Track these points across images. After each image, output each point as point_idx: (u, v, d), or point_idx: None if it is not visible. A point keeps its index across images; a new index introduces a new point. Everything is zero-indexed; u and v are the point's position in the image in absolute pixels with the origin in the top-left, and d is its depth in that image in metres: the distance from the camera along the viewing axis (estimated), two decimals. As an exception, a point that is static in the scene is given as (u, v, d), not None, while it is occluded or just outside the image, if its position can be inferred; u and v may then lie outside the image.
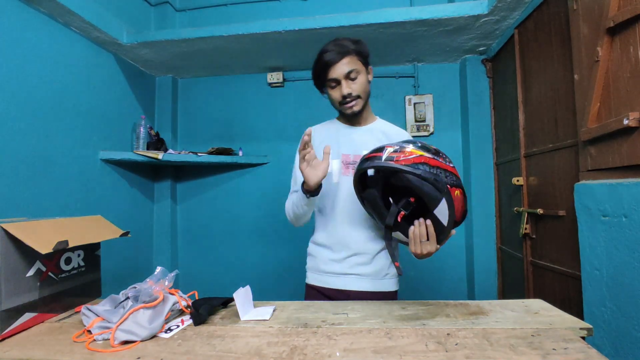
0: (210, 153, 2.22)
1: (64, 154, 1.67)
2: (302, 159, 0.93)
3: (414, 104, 2.30)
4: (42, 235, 0.78)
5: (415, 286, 2.24)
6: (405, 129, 2.30)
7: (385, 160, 0.78)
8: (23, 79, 1.47)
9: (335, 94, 1.06)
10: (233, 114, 2.51)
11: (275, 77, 2.40)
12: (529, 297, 1.67)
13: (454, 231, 0.81)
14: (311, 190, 0.96)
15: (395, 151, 0.79)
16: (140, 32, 1.97)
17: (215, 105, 2.53)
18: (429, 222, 0.82)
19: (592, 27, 1.10)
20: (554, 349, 0.61)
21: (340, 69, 1.02)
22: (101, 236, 0.95)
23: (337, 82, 1.04)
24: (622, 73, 0.99)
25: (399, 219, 0.86)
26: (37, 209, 1.51)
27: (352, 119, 1.12)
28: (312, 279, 1.15)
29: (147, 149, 2.14)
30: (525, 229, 1.63)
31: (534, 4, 1.57)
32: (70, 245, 0.81)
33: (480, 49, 2.11)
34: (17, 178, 1.44)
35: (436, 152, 0.80)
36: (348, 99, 1.04)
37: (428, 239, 0.83)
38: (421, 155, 0.77)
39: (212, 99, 2.54)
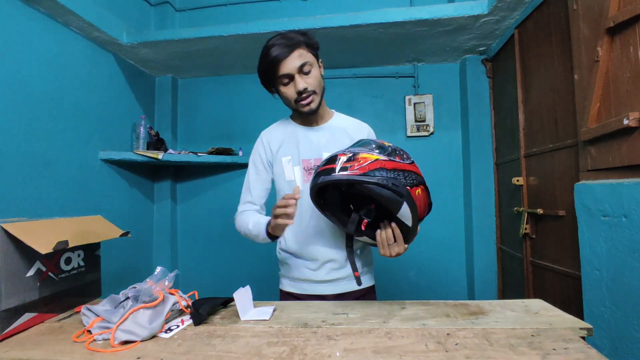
0: (210, 153, 2.22)
1: (64, 154, 1.67)
2: (282, 212, 0.84)
3: (414, 104, 2.30)
4: (42, 235, 0.78)
5: (415, 286, 2.24)
6: (405, 129, 2.31)
7: (340, 171, 0.74)
8: (23, 79, 1.47)
9: (289, 90, 0.97)
10: (233, 114, 2.51)
11: (275, 77, 2.40)
12: (529, 297, 1.67)
13: (419, 227, 0.80)
14: (277, 236, 0.96)
15: (348, 160, 0.75)
16: (140, 32, 1.97)
17: (215, 105, 2.53)
18: (393, 224, 0.81)
19: (592, 27, 1.10)
20: (554, 349, 0.61)
21: (291, 63, 0.94)
22: (101, 236, 0.95)
23: (290, 78, 0.96)
24: (622, 73, 0.99)
25: (362, 227, 0.85)
26: (37, 209, 1.52)
27: (309, 117, 1.05)
28: (288, 285, 1.11)
29: (147, 149, 2.14)
30: (525, 229, 1.63)
31: (534, 4, 1.57)
32: (70, 245, 0.81)
33: (480, 49, 2.11)
34: (17, 178, 1.44)
35: (392, 152, 0.78)
36: (304, 95, 0.96)
37: (395, 241, 0.82)
38: (376, 160, 0.74)
39: (212, 99, 2.54)
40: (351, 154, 0.77)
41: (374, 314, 0.82)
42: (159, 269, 0.82)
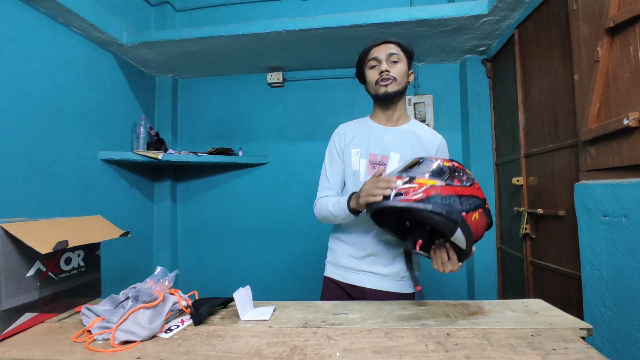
0: (210, 153, 2.22)
1: (64, 154, 1.67)
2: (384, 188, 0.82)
3: (414, 104, 2.30)
4: (42, 235, 0.78)
5: (415, 286, 2.24)
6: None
7: (394, 198, 0.76)
8: (23, 79, 1.47)
9: (373, 73, 1.07)
10: (233, 114, 2.51)
11: (275, 77, 2.40)
12: (529, 297, 1.67)
13: (474, 248, 0.81)
14: (360, 211, 0.96)
15: (404, 184, 0.76)
16: (140, 32, 1.97)
17: (215, 105, 2.53)
18: (447, 245, 0.83)
19: (592, 27, 1.10)
20: (554, 349, 0.61)
21: (383, 49, 1.06)
22: (101, 236, 0.95)
23: (378, 61, 1.06)
24: (622, 73, 0.99)
25: (417, 248, 0.87)
26: (37, 209, 1.52)
27: (384, 107, 1.11)
28: (331, 272, 1.16)
29: (147, 149, 2.14)
30: (525, 229, 1.63)
31: (534, 4, 1.57)
32: (70, 245, 0.81)
33: (480, 49, 2.11)
34: (17, 178, 1.44)
35: (451, 175, 0.77)
36: (385, 76, 1.04)
37: (449, 260, 0.84)
38: (432, 186, 0.74)
39: (212, 99, 2.54)
40: (408, 178, 0.77)
41: (374, 314, 0.82)
42: (159, 269, 0.82)
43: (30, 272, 0.79)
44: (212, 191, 2.52)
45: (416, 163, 0.82)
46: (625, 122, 0.92)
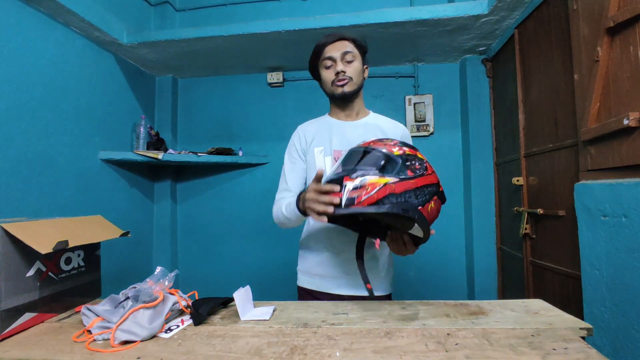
0: (210, 153, 2.22)
1: (64, 154, 1.67)
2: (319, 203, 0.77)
3: (414, 104, 2.30)
4: (42, 235, 0.78)
5: (415, 286, 2.24)
6: (405, 129, 2.31)
7: (346, 204, 0.69)
8: (23, 79, 1.47)
9: (329, 73, 1.06)
10: (233, 114, 2.51)
11: (275, 77, 2.40)
12: (529, 297, 1.67)
13: (433, 230, 0.78)
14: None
15: (355, 188, 0.70)
16: (140, 32, 1.97)
17: (215, 105, 2.53)
18: (405, 237, 0.83)
19: (592, 27, 1.10)
20: (554, 349, 0.61)
21: (336, 47, 1.04)
22: (101, 236, 0.95)
23: (333, 61, 1.04)
24: (622, 73, 0.99)
25: (376, 246, 0.86)
26: (37, 209, 1.51)
27: (343, 106, 1.10)
28: (304, 281, 1.14)
29: (147, 149, 2.14)
30: (525, 229, 1.63)
31: (534, 4, 1.57)
32: (70, 245, 0.81)
33: (480, 49, 2.11)
34: (17, 178, 1.44)
35: (402, 166, 0.72)
36: (340, 77, 1.03)
37: (405, 246, 0.85)
38: (385, 185, 0.69)
39: (212, 99, 2.54)
40: (358, 181, 0.70)
41: (374, 314, 0.82)
42: (159, 269, 0.82)
43: (30, 272, 0.79)
44: (212, 191, 2.52)
45: (364, 154, 0.76)
46: (625, 122, 0.92)
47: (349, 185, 0.71)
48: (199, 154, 2.16)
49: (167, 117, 2.48)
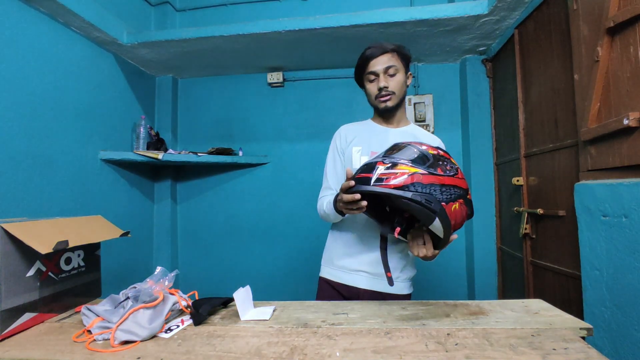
0: (210, 153, 2.22)
1: (64, 154, 1.67)
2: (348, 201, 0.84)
3: (414, 104, 2.30)
4: (42, 235, 0.78)
5: (415, 286, 2.24)
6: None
7: (375, 182, 0.75)
8: (23, 79, 1.47)
9: (372, 87, 1.10)
10: (233, 114, 2.51)
11: (275, 77, 2.40)
12: (529, 297, 1.67)
13: (455, 235, 0.80)
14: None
15: (386, 169, 0.75)
16: (140, 32, 1.97)
17: (215, 105, 2.53)
18: (426, 235, 0.83)
19: (592, 27, 1.10)
20: (554, 349, 0.61)
21: (379, 62, 1.07)
22: (101, 236, 0.95)
23: (376, 75, 1.08)
24: (622, 73, 0.99)
25: (395, 234, 0.86)
26: (37, 209, 1.52)
27: (386, 116, 1.14)
28: (325, 272, 1.17)
29: (147, 149, 2.14)
30: (525, 229, 1.63)
31: (534, 4, 1.57)
32: (70, 245, 0.81)
33: (480, 49, 2.11)
34: (17, 178, 1.44)
35: (434, 163, 0.76)
36: (384, 92, 1.07)
37: (425, 245, 0.84)
38: (414, 174, 0.73)
39: (212, 99, 2.54)
40: (390, 164, 0.76)
41: (374, 314, 0.82)
42: (159, 269, 0.82)
43: (30, 272, 0.79)
44: (212, 191, 2.52)
45: (400, 147, 0.81)
46: (625, 122, 0.92)
47: (381, 168, 0.76)
48: (199, 154, 2.16)
49: (167, 117, 2.48)
